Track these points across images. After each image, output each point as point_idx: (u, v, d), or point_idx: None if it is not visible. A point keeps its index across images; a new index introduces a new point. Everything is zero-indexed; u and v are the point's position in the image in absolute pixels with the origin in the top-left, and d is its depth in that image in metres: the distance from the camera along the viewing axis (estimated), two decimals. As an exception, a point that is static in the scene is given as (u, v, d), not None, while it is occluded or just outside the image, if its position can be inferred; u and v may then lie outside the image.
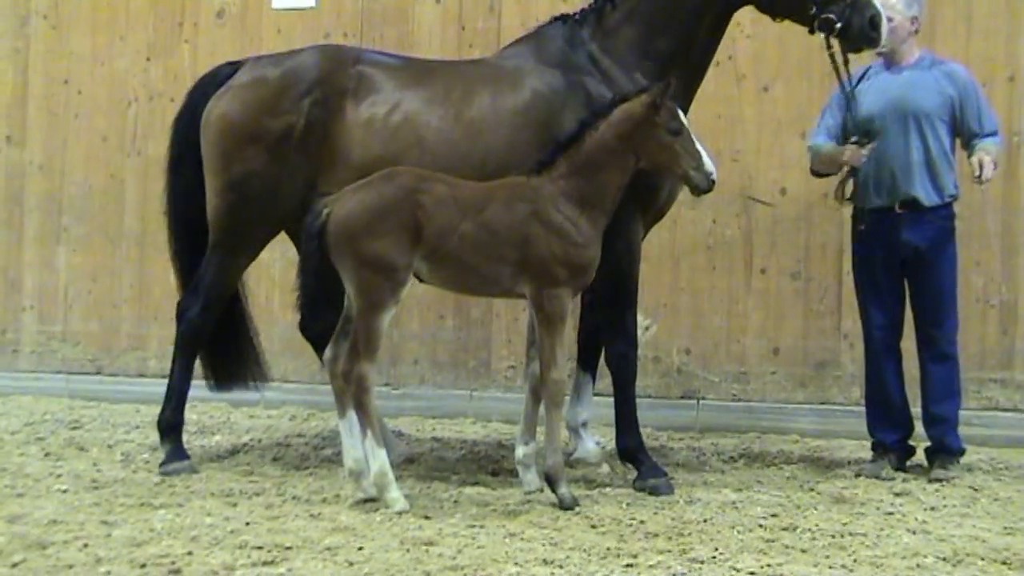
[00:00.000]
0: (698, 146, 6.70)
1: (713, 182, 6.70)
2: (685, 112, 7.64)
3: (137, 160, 11.48)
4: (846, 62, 7.67)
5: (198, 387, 10.80)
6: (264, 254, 10.74)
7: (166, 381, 7.97)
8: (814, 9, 7.39)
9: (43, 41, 11.89)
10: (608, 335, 7.57)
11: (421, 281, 6.97)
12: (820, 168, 8.18)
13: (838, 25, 7.36)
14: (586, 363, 8.14)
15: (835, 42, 7.55)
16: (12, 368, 11.78)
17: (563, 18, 7.87)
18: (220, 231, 7.82)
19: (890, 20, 7.70)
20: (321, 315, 7.13)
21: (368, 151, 7.50)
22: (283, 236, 8.59)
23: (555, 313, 6.69)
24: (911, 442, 8.13)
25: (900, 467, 7.98)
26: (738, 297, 9.78)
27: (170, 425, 7.98)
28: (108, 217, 11.56)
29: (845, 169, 7.89)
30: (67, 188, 11.71)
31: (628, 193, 7.00)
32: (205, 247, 7.97)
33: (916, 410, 8.08)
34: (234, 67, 8.14)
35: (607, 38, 7.64)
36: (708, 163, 6.68)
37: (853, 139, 7.80)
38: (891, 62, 8.06)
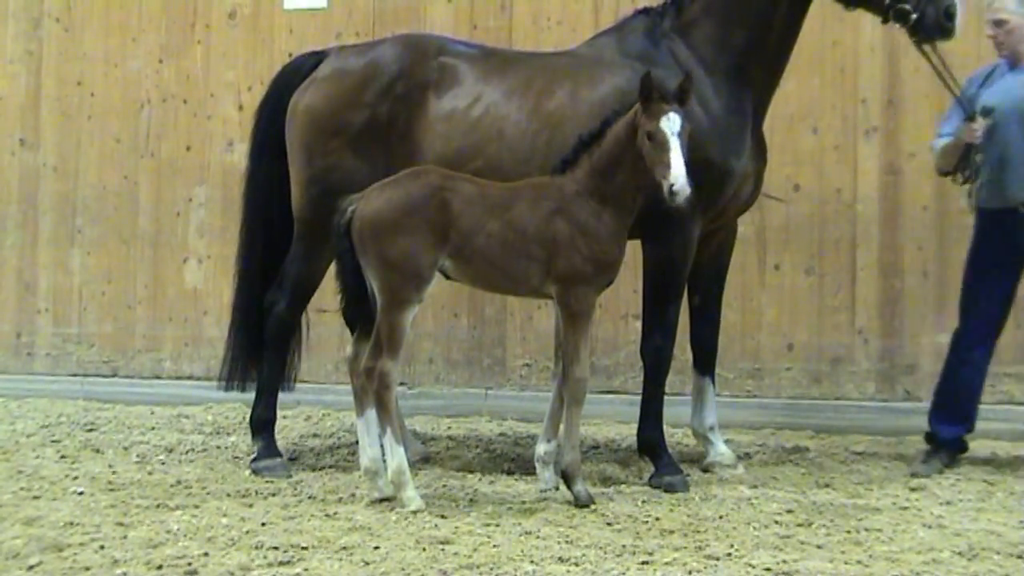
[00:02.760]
0: (672, 155, 6.40)
1: (674, 195, 6.36)
2: (766, 104, 7.65)
3: (150, 161, 11.50)
4: (934, 49, 7.54)
5: (214, 387, 10.89)
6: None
7: (181, 382, 7.94)
8: None
9: (56, 43, 11.92)
10: (647, 327, 7.51)
11: (448, 278, 6.98)
12: (943, 164, 8.04)
13: (913, 16, 7.30)
14: (702, 367, 8.00)
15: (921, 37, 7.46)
16: (27, 371, 11.79)
17: (646, 11, 7.87)
18: (304, 223, 7.85)
19: (1005, 23, 7.68)
20: (363, 310, 7.05)
21: (449, 143, 7.57)
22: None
23: (580, 311, 6.69)
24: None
25: (950, 463, 7.92)
26: (752, 293, 9.76)
27: (262, 422, 8.00)
28: (122, 218, 11.57)
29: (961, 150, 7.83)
30: (81, 190, 11.72)
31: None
32: (283, 239, 8.02)
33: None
34: (318, 57, 8.19)
35: (686, 31, 7.63)
36: (675, 176, 6.35)
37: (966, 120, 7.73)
38: (1013, 63, 7.94)
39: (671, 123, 6.47)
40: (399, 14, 10.81)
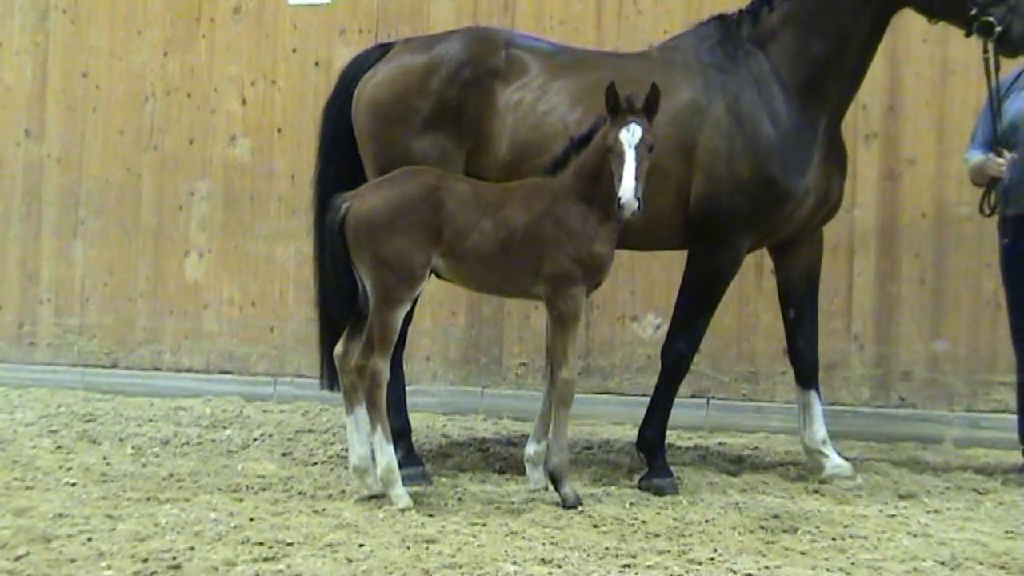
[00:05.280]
0: (625, 168, 6.40)
1: (621, 208, 6.37)
2: (840, 118, 7.64)
3: (153, 154, 11.56)
4: (997, 68, 7.50)
5: (213, 380, 10.94)
6: (278, 249, 10.88)
7: (180, 375, 7.89)
8: (974, 10, 7.24)
9: (62, 35, 11.98)
10: (675, 331, 7.53)
11: (439, 278, 7.00)
12: (975, 180, 8.02)
13: (998, 29, 7.22)
14: (805, 381, 7.90)
15: (991, 47, 7.38)
16: (29, 360, 11.87)
17: (720, 18, 7.79)
18: None
19: None
20: (347, 311, 6.98)
21: (517, 136, 7.48)
22: (297, 231, 8.57)
23: (569, 312, 6.69)
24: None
25: None
26: (748, 297, 9.75)
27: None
28: (124, 211, 11.63)
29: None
30: (84, 182, 11.79)
31: (744, 207, 7.07)
32: None
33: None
34: (383, 50, 8.06)
35: (763, 41, 7.56)
36: (624, 189, 6.36)
37: (994, 149, 7.70)
38: None
39: (630, 135, 6.47)
40: (403, 11, 10.83)
